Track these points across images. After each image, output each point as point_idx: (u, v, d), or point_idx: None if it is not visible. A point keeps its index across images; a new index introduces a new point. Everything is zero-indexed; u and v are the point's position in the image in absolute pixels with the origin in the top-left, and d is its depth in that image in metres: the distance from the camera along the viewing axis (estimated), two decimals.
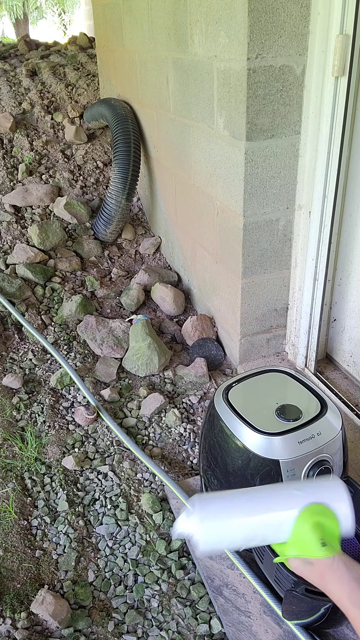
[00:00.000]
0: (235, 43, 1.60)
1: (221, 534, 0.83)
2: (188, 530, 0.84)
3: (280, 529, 0.83)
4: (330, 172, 1.70)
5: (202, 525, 0.82)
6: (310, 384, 1.39)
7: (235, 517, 0.83)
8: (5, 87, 3.58)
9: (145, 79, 2.51)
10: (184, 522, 0.85)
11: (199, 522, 0.82)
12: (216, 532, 0.82)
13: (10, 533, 1.57)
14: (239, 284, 1.98)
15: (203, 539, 0.82)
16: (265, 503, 0.85)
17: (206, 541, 0.82)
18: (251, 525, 0.83)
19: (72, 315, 2.40)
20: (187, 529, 0.84)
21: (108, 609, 1.41)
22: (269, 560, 1.21)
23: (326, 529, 0.80)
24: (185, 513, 0.85)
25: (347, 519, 0.82)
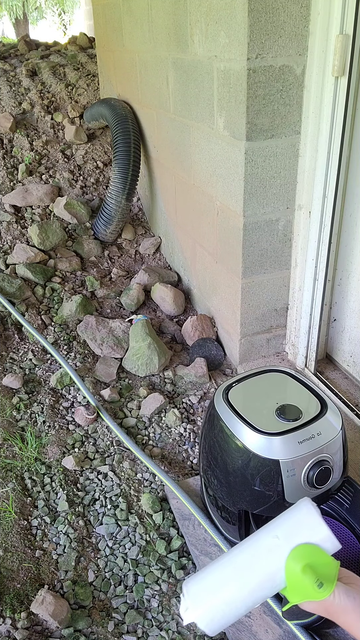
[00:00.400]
0: (235, 43, 1.60)
1: (223, 614, 0.82)
2: (191, 620, 0.83)
3: (275, 585, 0.81)
4: (330, 172, 1.70)
5: (202, 614, 0.81)
6: (310, 384, 1.39)
7: (229, 595, 0.82)
8: (5, 87, 3.58)
9: (145, 79, 2.51)
10: (184, 613, 0.84)
11: (197, 612, 0.81)
12: (217, 614, 0.82)
13: (10, 533, 1.57)
14: (239, 284, 1.98)
15: (208, 625, 0.81)
16: (250, 568, 0.83)
17: (212, 625, 0.81)
18: (247, 595, 0.82)
19: (72, 315, 2.40)
20: (190, 619, 0.83)
21: (108, 609, 1.41)
22: None
23: (317, 567, 0.77)
24: (182, 604, 0.84)
25: (328, 540, 0.80)
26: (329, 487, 1.28)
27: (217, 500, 1.41)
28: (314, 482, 1.21)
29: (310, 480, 1.22)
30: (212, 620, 0.81)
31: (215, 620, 0.81)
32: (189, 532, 1.53)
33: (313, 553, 0.78)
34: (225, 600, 0.81)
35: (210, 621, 0.81)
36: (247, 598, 0.81)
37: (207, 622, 0.81)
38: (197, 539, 1.50)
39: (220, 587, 0.82)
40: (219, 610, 0.81)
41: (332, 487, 1.29)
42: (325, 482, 1.24)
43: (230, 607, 0.81)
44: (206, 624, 0.81)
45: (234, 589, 0.82)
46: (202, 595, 0.83)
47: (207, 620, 0.81)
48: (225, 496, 1.35)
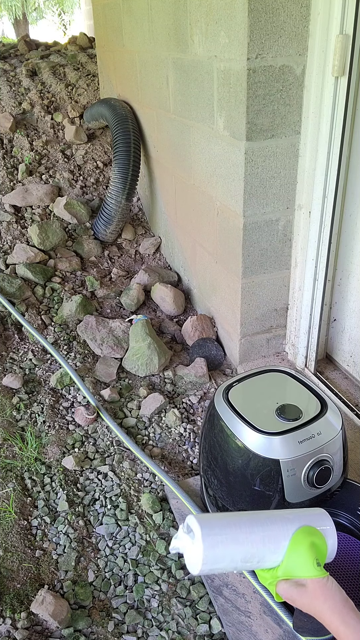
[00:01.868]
0: (235, 43, 1.60)
1: (222, 550, 0.82)
2: (187, 546, 0.83)
3: (277, 550, 0.83)
4: (330, 172, 1.70)
5: (204, 540, 0.81)
6: (310, 383, 1.39)
7: (236, 532, 0.84)
8: (5, 87, 3.58)
9: (145, 79, 2.51)
10: (182, 538, 0.84)
11: (201, 536, 0.81)
12: (218, 547, 0.82)
13: (10, 533, 1.57)
14: (238, 284, 1.98)
15: (204, 555, 0.81)
16: (263, 522, 0.86)
17: (207, 556, 0.81)
18: (251, 541, 0.83)
19: (72, 315, 2.40)
20: (185, 545, 0.83)
21: (108, 609, 1.41)
22: None
23: (319, 551, 0.82)
24: (183, 529, 0.85)
25: (332, 536, 0.86)
26: (329, 487, 1.28)
27: (217, 500, 1.41)
28: (314, 481, 1.22)
29: (311, 480, 1.22)
30: (209, 554, 0.81)
31: (211, 556, 0.81)
32: None
33: (318, 538, 0.83)
34: (231, 539, 0.83)
35: (208, 554, 0.81)
36: (249, 548, 0.83)
37: (206, 553, 0.81)
38: None
39: (231, 525, 0.84)
40: (220, 547, 0.82)
41: (332, 486, 1.30)
42: (326, 482, 1.24)
43: (230, 549, 0.82)
44: (204, 556, 0.81)
45: (242, 533, 0.83)
46: (212, 526, 0.83)
47: (207, 551, 0.81)
48: (225, 496, 1.35)
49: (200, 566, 0.81)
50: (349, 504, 1.38)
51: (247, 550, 0.83)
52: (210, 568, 0.83)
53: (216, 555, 0.82)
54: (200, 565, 0.81)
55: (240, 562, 0.83)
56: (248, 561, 0.83)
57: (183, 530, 0.85)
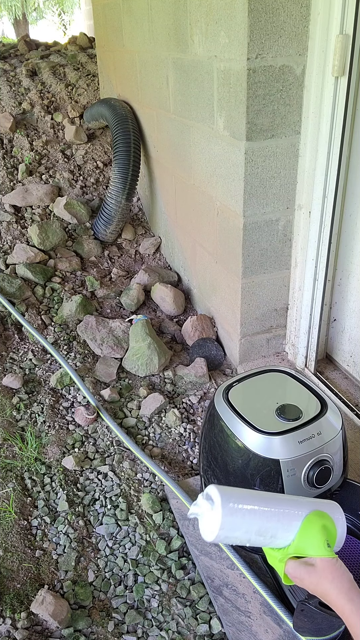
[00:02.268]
0: (235, 43, 1.60)
1: (239, 519, 0.85)
2: (205, 513, 0.86)
3: (290, 528, 0.86)
4: (330, 172, 1.70)
5: (224, 506, 0.84)
6: (310, 383, 1.39)
7: (253, 503, 0.87)
8: (5, 87, 3.58)
9: (145, 79, 2.51)
10: (201, 504, 0.86)
11: (220, 502, 0.84)
12: (235, 514, 0.84)
13: (10, 533, 1.57)
14: (239, 284, 1.98)
15: (222, 521, 0.83)
16: (279, 501, 0.90)
17: (225, 523, 0.83)
18: (267, 516, 0.86)
19: (72, 315, 2.40)
20: (203, 511, 0.85)
21: (108, 609, 1.41)
22: None
23: (329, 534, 0.85)
24: (203, 496, 0.87)
25: (342, 525, 0.89)
26: (329, 487, 1.28)
27: None
28: (314, 481, 1.22)
29: (311, 480, 1.22)
30: (226, 522, 0.84)
31: (227, 524, 0.84)
32: (189, 532, 1.53)
33: (329, 522, 0.86)
34: (248, 510, 0.85)
35: (225, 522, 0.83)
36: (263, 522, 0.85)
37: (225, 521, 0.83)
38: (197, 539, 1.50)
39: (249, 498, 0.87)
40: (237, 516, 0.84)
41: (332, 486, 1.30)
42: (326, 482, 1.24)
43: (246, 520, 0.85)
44: (222, 523, 0.83)
45: (259, 506, 0.86)
46: (232, 495, 0.86)
47: (224, 519, 0.83)
48: None
49: (217, 532, 0.84)
50: (349, 504, 1.38)
51: (262, 524, 0.85)
52: (226, 535, 0.84)
53: (233, 523, 0.84)
54: (217, 531, 0.83)
55: (254, 534, 0.85)
56: (262, 535, 0.85)
57: (202, 497, 0.88)
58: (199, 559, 1.45)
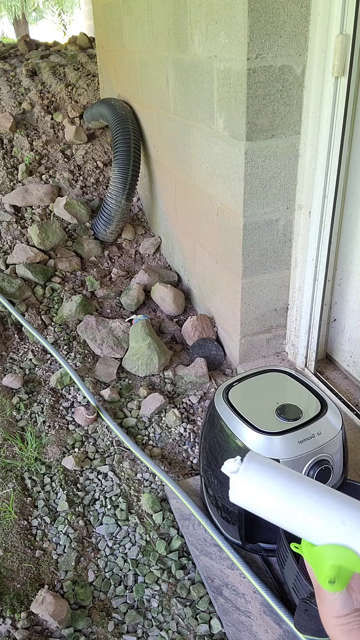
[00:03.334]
0: (235, 43, 1.60)
1: (258, 500, 0.78)
2: (230, 475, 0.79)
3: (311, 538, 0.77)
4: (330, 172, 1.70)
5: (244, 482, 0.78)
6: (310, 383, 1.39)
7: (279, 494, 0.78)
8: (5, 87, 3.58)
9: (145, 79, 2.51)
10: (230, 465, 0.81)
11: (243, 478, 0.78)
12: (254, 495, 0.78)
13: (10, 533, 1.57)
14: (239, 284, 1.98)
15: (238, 493, 0.78)
16: (312, 506, 0.78)
17: (241, 496, 0.78)
18: (289, 512, 0.77)
19: (72, 315, 2.40)
20: (229, 472, 0.80)
21: (108, 609, 1.41)
22: (290, 568, 1.21)
23: (342, 572, 0.74)
24: (236, 460, 0.81)
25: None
26: None
27: (217, 500, 1.41)
28: None
29: None
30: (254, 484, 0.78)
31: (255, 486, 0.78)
32: (189, 532, 1.53)
33: (351, 563, 0.75)
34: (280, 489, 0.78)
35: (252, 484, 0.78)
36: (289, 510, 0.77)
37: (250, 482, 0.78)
38: (197, 539, 1.50)
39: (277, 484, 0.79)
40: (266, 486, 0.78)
41: (332, 486, 1.29)
42: (326, 482, 1.24)
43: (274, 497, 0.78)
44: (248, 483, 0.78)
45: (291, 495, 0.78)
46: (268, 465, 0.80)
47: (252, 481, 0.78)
48: (225, 496, 1.35)
49: (233, 497, 0.78)
50: None
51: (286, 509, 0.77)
52: (244, 504, 0.78)
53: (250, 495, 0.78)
54: (234, 496, 0.78)
55: (273, 515, 0.78)
56: (279, 517, 0.78)
57: (238, 459, 0.80)
58: (199, 559, 1.45)
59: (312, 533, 0.76)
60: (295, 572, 1.17)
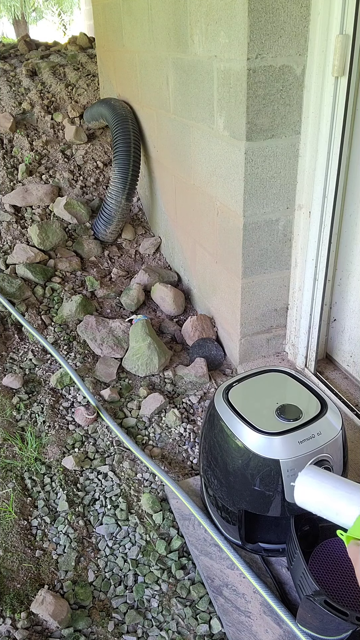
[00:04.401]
0: (235, 43, 1.60)
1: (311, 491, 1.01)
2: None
3: (350, 512, 0.94)
4: (330, 172, 1.70)
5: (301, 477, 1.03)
6: (310, 384, 1.39)
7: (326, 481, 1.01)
8: (5, 87, 3.58)
9: (145, 79, 2.51)
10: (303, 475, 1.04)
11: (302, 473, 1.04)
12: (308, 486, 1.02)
13: (10, 533, 1.57)
14: (239, 284, 1.98)
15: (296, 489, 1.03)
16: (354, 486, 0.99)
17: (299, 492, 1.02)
18: (333, 494, 0.98)
19: (72, 315, 2.40)
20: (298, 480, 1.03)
21: (108, 609, 1.41)
22: (297, 564, 1.21)
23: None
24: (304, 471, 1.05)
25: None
26: None
27: (217, 500, 1.41)
28: None
29: None
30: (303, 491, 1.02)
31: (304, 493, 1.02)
32: (189, 532, 1.53)
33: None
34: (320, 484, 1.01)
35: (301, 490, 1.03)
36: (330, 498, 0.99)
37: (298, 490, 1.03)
38: (197, 539, 1.50)
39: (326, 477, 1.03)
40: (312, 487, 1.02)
41: None
42: None
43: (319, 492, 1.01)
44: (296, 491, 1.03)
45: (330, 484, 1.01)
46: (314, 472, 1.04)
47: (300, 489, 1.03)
48: (225, 496, 1.35)
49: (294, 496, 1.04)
50: None
51: (329, 501, 0.98)
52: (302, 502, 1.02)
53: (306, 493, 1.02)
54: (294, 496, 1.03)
55: (323, 507, 0.99)
56: (328, 509, 0.98)
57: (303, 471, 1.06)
58: (199, 559, 1.45)
59: (347, 516, 0.94)
60: (303, 569, 1.17)
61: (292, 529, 1.23)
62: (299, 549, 1.18)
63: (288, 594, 1.36)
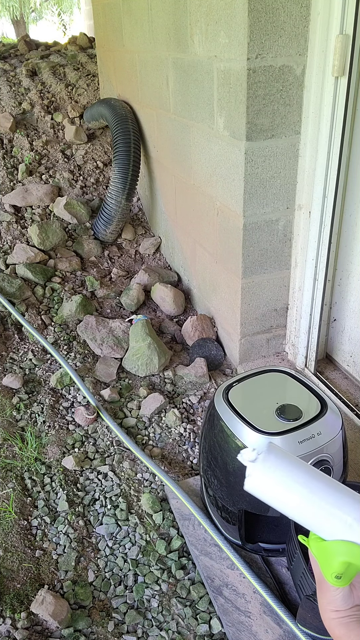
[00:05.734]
0: (235, 43, 1.60)
1: (273, 491, 0.79)
2: (247, 464, 0.80)
3: (321, 532, 0.78)
4: (330, 172, 1.70)
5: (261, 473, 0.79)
6: (310, 384, 1.39)
7: (296, 487, 0.79)
8: (5, 87, 3.58)
9: (145, 79, 2.51)
10: (248, 454, 0.82)
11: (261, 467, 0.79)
12: (270, 486, 0.79)
13: (10, 533, 1.57)
14: (239, 284, 1.98)
15: (255, 482, 0.79)
16: (327, 502, 0.79)
17: (257, 485, 0.79)
18: (304, 505, 0.78)
19: (72, 315, 2.40)
20: (246, 461, 0.80)
21: (108, 609, 1.41)
22: (298, 564, 1.21)
23: (350, 569, 0.75)
24: (254, 450, 0.81)
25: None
26: None
27: (217, 500, 1.41)
28: None
29: None
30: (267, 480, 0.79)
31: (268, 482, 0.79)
32: (189, 532, 1.53)
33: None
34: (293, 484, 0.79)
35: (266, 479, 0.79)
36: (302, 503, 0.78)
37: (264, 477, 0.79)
38: (197, 539, 1.50)
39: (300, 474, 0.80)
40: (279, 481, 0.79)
41: None
42: None
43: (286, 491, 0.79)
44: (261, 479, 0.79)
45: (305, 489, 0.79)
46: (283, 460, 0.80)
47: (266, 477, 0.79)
48: (225, 496, 1.35)
49: (248, 485, 0.79)
50: None
51: (299, 502, 0.78)
52: (259, 494, 0.79)
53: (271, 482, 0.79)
54: (249, 485, 0.79)
55: (292, 505, 0.79)
56: (295, 508, 0.79)
57: (259, 451, 0.81)
58: (199, 559, 1.45)
59: (324, 528, 0.77)
60: (302, 569, 1.17)
61: (292, 529, 1.23)
62: (299, 549, 1.18)
63: (288, 594, 1.36)
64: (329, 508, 0.77)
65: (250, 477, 0.80)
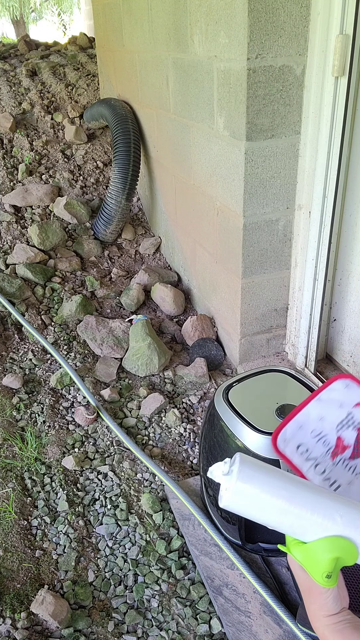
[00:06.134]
0: (235, 43, 1.60)
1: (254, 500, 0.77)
2: (221, 478, 0.78)
3: (305, 534, 0.77)
4: (330, 172, 1.70)
5: (240, 483, 0.76)
6: (310, 384, 1.39)
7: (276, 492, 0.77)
8: (5, 87, 3.58)
9: (145, 79, 2.51)
10: (219, 468, 0.80)
11: (238, 478, 0.76)
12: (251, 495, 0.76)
13: (10, 533, 1.57)
14: (238, 284, 1.98)
15: (234, 495, 0.76)
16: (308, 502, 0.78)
17: (237, 497, 0.76)
18: (286, 509, 0.77)
19: (72, 315, 2.40)
20: (220, 476, 0.78)
21: (108, 609, 1.41)
22: None
23: (337, 565, 0.75)
24: (226, 463, 0.80)
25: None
26: None
27: (217, 500, 1.41)
28: None
29: None
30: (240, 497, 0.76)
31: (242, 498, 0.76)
32: (189, 532, 1.53)
33: (350, 554, 0.75)
34: (269, 495, 0.76)
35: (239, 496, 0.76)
36: (282, 513, 0.77)
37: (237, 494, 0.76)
38: (197, 539, 1.50)
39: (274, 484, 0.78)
40: (254, 496, 0.76)
41: None
42: None
43: (263, 504, 0.76)
44: (233, 495, 0.76)
45: (281, 498, 0.77)
46: (253, 473, 0.77)
47: (238, 493, 0.76)
48: None
49: (225, 503, 0.77)
50: None
51: (279, 512, 0.77)
52: (236, 510, 0.77)
53: (245, 499, 0.77)
54: (229, 501, 0.77)
55: (269, 518, 0.77)
56: (276, 519, 0.77)
57: (229, 464, 0.80)
58: (199, 559, 1.45)
59: (306, 530, 0.77)
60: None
61: None
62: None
63: (288, 594, 1.36)
64: (311, 509, 0.76)
65: (228, 492, 0.77)
